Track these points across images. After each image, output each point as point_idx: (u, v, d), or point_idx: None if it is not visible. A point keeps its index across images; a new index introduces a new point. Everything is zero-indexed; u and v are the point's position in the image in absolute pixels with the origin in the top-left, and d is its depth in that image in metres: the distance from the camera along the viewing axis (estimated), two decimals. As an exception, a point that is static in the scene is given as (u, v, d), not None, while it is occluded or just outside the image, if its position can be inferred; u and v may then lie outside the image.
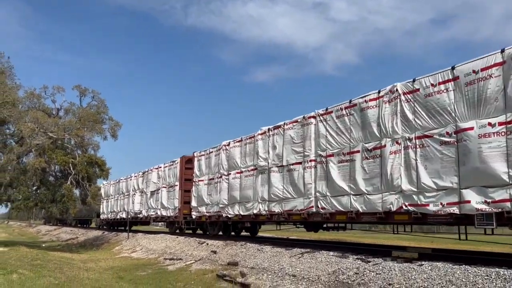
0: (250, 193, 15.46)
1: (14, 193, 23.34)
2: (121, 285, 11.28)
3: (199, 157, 19.91)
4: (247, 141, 16.10)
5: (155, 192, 24.34)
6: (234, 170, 16.64)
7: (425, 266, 8.30)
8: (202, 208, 18.97)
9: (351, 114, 11.38)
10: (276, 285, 9.99)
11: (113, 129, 27.34)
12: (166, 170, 23.36)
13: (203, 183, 19.15)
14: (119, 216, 31.09)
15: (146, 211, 25.45)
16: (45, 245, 29.91)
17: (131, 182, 28.88)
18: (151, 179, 24.76)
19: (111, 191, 34.32)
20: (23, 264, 13.67)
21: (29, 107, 25.37)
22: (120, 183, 31.54)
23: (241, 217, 16.15)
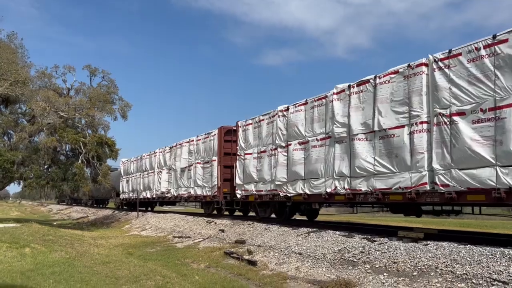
0: (320, 167, 12.47)
1: (26, 171, 23.67)
2: (131, 261, 11.50)
3: (245, 127, 16.88)
4: (316, 104, 13.05)
5: (187, 169, 21.74)
6: (296, 140, 13.68)
7: (430, 245, 8.36)
8: (249, 186, 16.18)
9: (496, 54, 8.24)
10: (282, 262, 10.14)
11: (123, 109, 27.47)
12: (199, 144, 20.67)
13: (251, 156, 16.21)
14: (142, 195, 28.67)
15: (176, 190, 22.98)
16: (56, 223, 30.48)
17: (155, 158, 26.44)
18: (181, 154, 22.23)
19: (132, 168, 31.93)
20: (35, 239, 13.96)
21: (40, 86, 25.61)
22: (142, 160, 29.14)
23: (307, 197, 13.14)
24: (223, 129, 19.09)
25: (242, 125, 17.21)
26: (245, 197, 16.74)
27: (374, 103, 10.83)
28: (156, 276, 9.19)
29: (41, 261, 10.72)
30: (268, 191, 15.05)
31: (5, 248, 11.94)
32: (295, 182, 13.59)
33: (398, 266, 7.85)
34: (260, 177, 15.56)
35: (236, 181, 17.10)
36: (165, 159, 24.76)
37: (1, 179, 24.50)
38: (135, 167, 31.07)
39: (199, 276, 9.48)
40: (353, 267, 8.58)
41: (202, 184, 20.04)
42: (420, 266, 7.52)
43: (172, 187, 23.55)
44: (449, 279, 6.79)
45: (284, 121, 14.42)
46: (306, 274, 9.02)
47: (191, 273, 9.94)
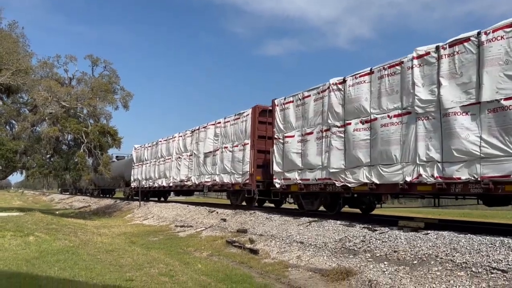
0: (394, 150, 10.19)
1: (29, 160, 23.78)
2: (134, 249, 11.63)
3: (284, 105, 14.63)
4: (386, 73, 10.74)
5: (212, 154, 19.59)
6: (357, 119, 11.40)
7: (430, 235, 8.46)
8: (291, 174, 13.94)
9: None
10: (284, 251, 10.26)
11: (125, 99, 27.46)
12: (228, 126, 18.51)
13: (292, 140, 13.99)
14: (157, 184, 26.57)
15: (197, 177, 20.87)
16: (58, 212, 30.64)
17: (174, 143, 24.41)
18: (206, 138, 20.13)
19: (145, 155, 29.60)
20: (39, 227, 14.10)
21: (42, 76, 25.60)
22: (158, 146, 26.96)
23: (374, 187, 10.85)
24: (257, 108, 16.97)
25: (280, 104, 14.89)
26: (285, 187, 14.42)
27: (479, 67, 8.58)
28: (159, 264, 9.30)
29: (45, 249, 10.84)
30: (318, 180, 12.78)
31: (10, 237, 12.08)
32: (357, 169, 11.32)
33: (399, 255, 7.95)
34: (306, 164, 13.29)
35: (274, 168, 14.83)
36: (186, 144, 22.76)
37: (4, 169, 24.62)
38: (150, 153, 28.92)
39: (201, 264, 9.60)
40: (354, 255, 8.69)
41: (231, 170, 17.78)
42: (421, 255, 7.62)
43: (193, 174, 21.42)
44: (449, 268, 6.89)
45: (340, 96, 12.10)
46: (308, 262, 9.14)
47: (193, 261, 10.06)
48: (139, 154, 31.32)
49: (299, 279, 8.22)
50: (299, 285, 7.87)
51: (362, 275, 7.58)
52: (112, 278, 7.64)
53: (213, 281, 7.97)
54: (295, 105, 14.18)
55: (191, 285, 7.50)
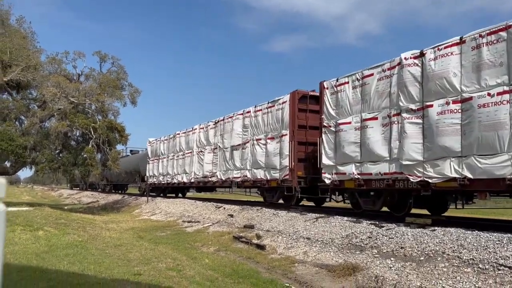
0: (497, 137, 8.23)
1: (38, 156, 24.00)
2: (142, 244, 11.73)
3: (337, 88, 12.60)
4: (484, 41, 8.75)
5: (240, 147, 17.70)
6: (442, 99, 9.39)
7: (437, 231, 8.45)
8: (346, 167, 11.93)
9: None
10: (291, 246, 10.30)
11: (133, 95, 27.57)
12: (259, 116, 16.60)
13: (349, 127, 11.95)
14: (176, 179, 24.96)
15: (223, 173, 19.14)
16: (67, 207, 30.92)
17: (194, 136, 22.73)
18: (233, 129, 18.32)
19: (162, 149, 27.84)
20: (48, 222, 14.25)
21: (51, 72, 25.77)
22: (176, 139, 25.23)
23: (467, 183, 8.78)
24: (297, 94, 15.06)
25: (331, 86, 12.87)
26: (337, 183, 12.39)
27: None
28: (167, 259, 9.38)
29: (54, 243, 10.97)
30: (383, 174, 10.79)
31: (19, 231, 12.23)
32: (442, 161, 9.32)
33: (405, 251, 7.96)
34: (367, 155, 11.21)
35: (323, 161, 12.88)
36: (208, 137, 21.02)
37: (14, 164, 24.88)
38: (166, 147, 27.15)
39: (208, 259, 9.67)
40: (361, 251, 8.71)
41: (265, 165, 15.91)
42: (427, 251, 7.63)
43: (219, 169, 19.63)
44: (456, 264, 6.89)
45: (415, 73, 10.13)
46: (314, 258, 9.18)
47: (201, 256, 10.14)
48: (154, 148, 29.72)
49: (305, 275, 8.26)
50: (305, 280, 7.91)
51: (368, 271, 7.61)
52: (120, 272, 7.72)
53: (220, 275, 8.04)
54: (352, 86, 12.06)
55: (198, 279, 7.56)
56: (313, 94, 15.01)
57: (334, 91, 12.82)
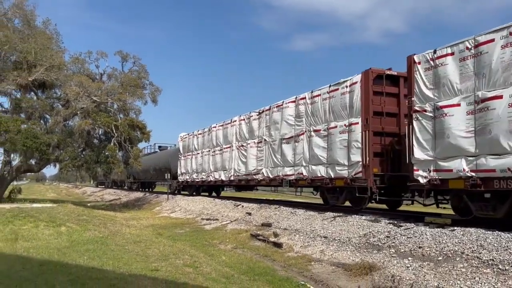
0: None
1: (62, 153, 24.50)
2: (160, 241, 11.89)
3: (436, 61, 10.04)
4: None
5: (292, 140, 15.27)
6: None
7: (457, 231, 8.31)
8: (452, 162, 9.39)
9: None
10: (308, 245, 10.29)
11: (153, 94, 27.83)
12: (318, 102, 14.06)
13: (457, 110, 9.37)
14: (212, 177, 22.86)
15: (270, 170, 16.73)
16: (90, 204, 31.53)
17: (234, 129, 20.63)
18: (282, 120, 16.00)
19: (195, 144, 25.93)
20: (70, 218, 14.57)
21: (74, 71, 26.26)
22: (212, 133, 23.24)
23: None
24: (371, 73, 12.43)
25: (427, 60, 10.32)
26: (438, 182, 9.76)
27: None
28: (184, 255, 9.49)
29: (76, 239, 11.24)
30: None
31: (43, 227, 12.58)
32: None
33: (423, 251, 7.86)
34: (487, 145, 8.66)
35: (416, 154, 10.22)
36: (251, 129, 18.79)
37: (38, 161, 25.46)
38: (201, 142, 25.27)
39: (225, 257, 9.74)
40: (378, 251, 8.63)
41: (327, 161, 13.42)
42: (446, 251, 7.51)
43: (265, 165, 17.25)
44: (475, 265, 6.77)
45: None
46: (331, 257, 9.14)
47: (218, 253, 10.22)
48: (186, 144, 27.79)
49: (321, 273, 8.24)
50: (321, 279, 7.89)
51: (385, 270, 7.54)
52: (138, 268, 7.87)
53: (236, 272, 8.09)
54: (459, 58, 9.54)
55: (214, 276, 7.63)
56: (390, 73, 12.70)
57: (430, 66, 10.26)
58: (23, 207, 16.84)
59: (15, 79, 22.34)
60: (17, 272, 7.19)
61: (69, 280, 6.70)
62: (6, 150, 23.62)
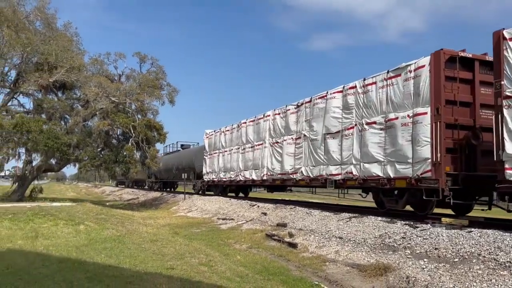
0: None
1: (81, 153, 24.94)
2: (177, 240, 12.01)
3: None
4: None
5: (339, 135, 13.59)
6: None
7: (474, 232, 8.21)
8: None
9: None
10: (322, 245, 10.27)
11: (171, 94, 28.09)
12: (372, 91, 12.41)
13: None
14: (242, 176, 21.27)
15: (311, 168, 14.91)
16: (108, 204, 32.00)
17: (267, 124, 19.00)
18: (327, 113, 14.28)
19: (223, 141, 24.39)
20: (89, 217, 14.83)
21: (93, 72, 26.71)
22: (242, 129, 21.72)
23: None
24: (443, 55, 10.73)
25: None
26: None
27: None
28: (200, 254, 9.58)
29: (94, 237, 11.43)
30: None
31: (62, 225, 12.82)
32: None
33: (439, 252, 7.78)
34: None
35: (508, 150, 8.56)
36: (288, 124, 17.08)
37: (58, 161, 25.97)
38: (228, 139, 23.72)
39: (240, 256, 9.80)
40: (393, 252, 8.58)
41: (384, 158, 11.69)
42: (462, 253, 7.43)
43: (304, 164, 15.51)
44: (492, 267, 6.68)
45: None
46: (346, 257, 9.12)
47: (233, 253, 10.28)
48: (212, 141, 26.35)
49: (336, 274, 8.23)
50: (335, 279, 7.89)
51: (400, 272, 7.49)
52: (154, 266, 7.97)
53: (250, 272, 8.13)
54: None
55: (229, 275, 7.69)
56: (464, 55, 11.01)
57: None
58: (43, 206, 17.21)
59: (37, 80, 22.85)
60: (36, 269, 7.37)
61: (86, 277, 6.84)
62: (28, 150, 24.17)
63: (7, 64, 24.71)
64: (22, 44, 22.40)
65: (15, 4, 23.90)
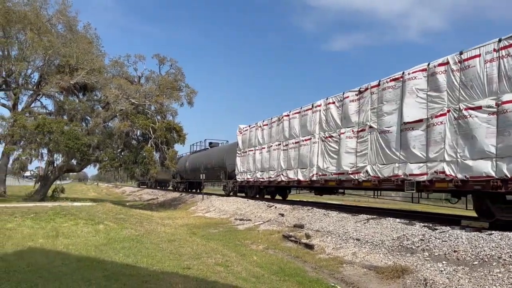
0: None
1: (101, 154, 25.33)
2: (194, 240, 12.08)
3: None
4: None
5: (423, 125, 11.16)
6: None
7: (494, 235, 8.05)
8: None
9: None
10: (340, 247, 10.20)
11: (189, 96, 28.34)
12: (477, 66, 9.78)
13: None
14: (285, 176, 18.49)
15: (380, 168, 12.60)
16: (128, 204, 32.39)
17: (316, 116, 16.20)
18: (405, 98, 11.74)
19: (260, 137, 21.83)
20: (108, 217, 15.03)
21: (114, 74, 27.14)
22: (283, 122, 19.09)
23: None
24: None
25: None
26: None
27: None
28: (216, 254, 9.61)
29: (113, 237, 11.58)
30: None
31: (82, 224, 13.03)
32: None
33: (458, 255, 7.65)
34: None
35: None
36: (346, 114, 14.45)
37: (79, 162, 26.43)
38: (267, 134, 21.15)
39: (257, 257, 9.80)
40: (411, 254, 8.47)
41: (500, 153, 9.02)
42: (482, 256, 7.29)
43: (370, 161, 13.09)
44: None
45: None
46: (363, 259, 9.03)
47: (250, 253, 10.29)
48: (247, 137, 23.62)
49: (353, 275, 8.17)
50: (352, 281, 7.82)
51: (418, 274, 7.39)
52: (171, 266, 8.04)
53: (266, 273, 8.13)
54: None
55: (244, 275, 7.70)
56: None
57: None
58: (64, 206, 17.51)
59: (58, 82, 23.33)
60: (56, 267, 7.50)
61: (104, 276, 6.94)
62: (50, 151, 24.67)
63: (30, 67, 25.37)
64: (44, 47, 22.91)
65: (38, 8, 24.48)
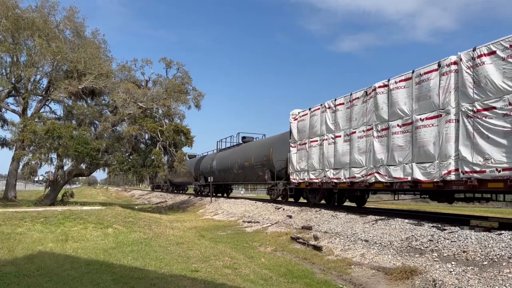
0: None
1: (110, 158, 25.47)
2: (202, 242, 12.11)
3: None
4: None
5: None
6: None
7: (504, 235, 7.97)
8: None
9: None
10: (348, 248, 10.16)
11: (197, 99, 28.43)
12: None
13: None
14: (381, 176, 12.33)
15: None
16: (137, 207, 32.49)
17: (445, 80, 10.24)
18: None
19: (329, 121, 15.69)
20: (117, 220, 15.12)
21: (121, 79, 27.32)
22: (377, 97, 12.82)
23: None
24: None
25: None
26: None
27: None
28: (224, 257, 9.63)
29: (121, 240, 11.66)
30: None
31: (91, 228, 13.13)
32: None
33: (468, 255, 7.59)
34: None
35: None
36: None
37: (88, 166, 26.59)
38: (342, 117, 14.97)
39: (265, 259, 9.79)
40: (420, 255, 8.41)
41: None
42: (492, 256, 7.22)
43: None
44: (522, 270, 6.46)
45: None
46: (371, 260, 8.99)
47: (258, 255, 10.28)
48: (306, 124, 17.62)
49: (361, 277, 8.13)
50: (361, 282, 7.79)
51: (427, 275, 7.33)
52: (179, 268, 8.07)
53: (274, 275, 8.12)
54: None
55: (252, 278, 7.71)
56: None
57: None
58: (73, 210, 17.64)
59: (67, 88, 23.52)
60: (65, 271, 7.57)
61: (112, 279, 6.99)
62: (59, 155, 24.86)
63: (39, 72, 25.62)
64: (52, 53, 23.12)
65: (46, 15, 24.73)
